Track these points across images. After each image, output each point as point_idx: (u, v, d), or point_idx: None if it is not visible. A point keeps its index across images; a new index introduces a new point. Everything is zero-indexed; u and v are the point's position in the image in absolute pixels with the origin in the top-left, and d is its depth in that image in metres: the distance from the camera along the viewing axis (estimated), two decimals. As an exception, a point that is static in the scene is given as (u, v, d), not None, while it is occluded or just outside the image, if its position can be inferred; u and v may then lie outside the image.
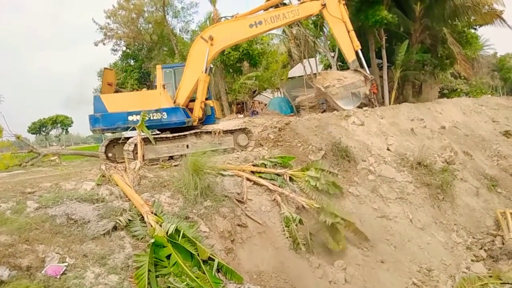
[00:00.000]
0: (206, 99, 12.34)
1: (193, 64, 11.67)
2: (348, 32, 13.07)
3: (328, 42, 24.03)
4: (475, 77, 31.86)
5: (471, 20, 22.55)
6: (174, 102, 11.60)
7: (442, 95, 30.01)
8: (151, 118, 10.93)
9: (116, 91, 12.29)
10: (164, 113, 11.14)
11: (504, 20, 21.65)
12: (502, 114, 21.11)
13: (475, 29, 24.82)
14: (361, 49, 14.17)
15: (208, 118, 12.46)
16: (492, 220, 12.79)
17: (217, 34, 11.72)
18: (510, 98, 27.64)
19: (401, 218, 11.19)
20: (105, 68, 12.24)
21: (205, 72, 11.88)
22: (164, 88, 11.35)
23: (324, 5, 12.19)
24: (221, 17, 13.60)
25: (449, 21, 21.91)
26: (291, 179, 10.15)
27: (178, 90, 11.74)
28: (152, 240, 5.98)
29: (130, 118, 10.84)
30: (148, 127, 10.88)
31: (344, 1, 12.89)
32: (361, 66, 13.89)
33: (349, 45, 13.22)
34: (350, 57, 13.40)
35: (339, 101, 12.92)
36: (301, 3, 12.31)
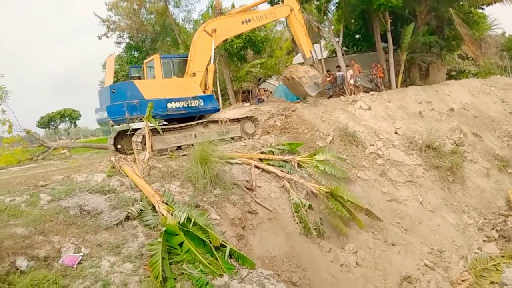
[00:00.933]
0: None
1: (199, 56, 11.86)
2: (305, 35, 15.14)
3: (332, 27, 23.70)
4: (483, 58, 31.25)
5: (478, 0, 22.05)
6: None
7: (449, 77, 29.57)
8: (189, 105, 11.23)
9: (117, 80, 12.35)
10: (201, 100, 11.51)
11: (511, -3, 21.15)
12: (511, 94, 20.81)
13: (482, 8, 24.25)
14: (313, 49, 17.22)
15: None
16: (503, 201, 12.73)
17: (220, 27, 12.27)
18: (519, 78, 27.19)
19: (411, 201, 11.18)
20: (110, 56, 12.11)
21: (213, 63, 12.30)
22: (194, 75, 11.59)
23: (292, 10, 14.18)
24: (219, 12, 15.50)
25: (456, 1, 21.45)
26: (299, 165, 10.16)
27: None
28: (164, 229, 6.05)
29: (169, 105, 10.89)
30: (186, 114, 11.37)
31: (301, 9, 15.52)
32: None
33: (307, 44, 15.16)
34: (307, 54, 15.42)
35: (308, 89, 14.74)
36: (275, 7, 14.59)
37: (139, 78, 11.88)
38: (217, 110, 12.33)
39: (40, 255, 5.22)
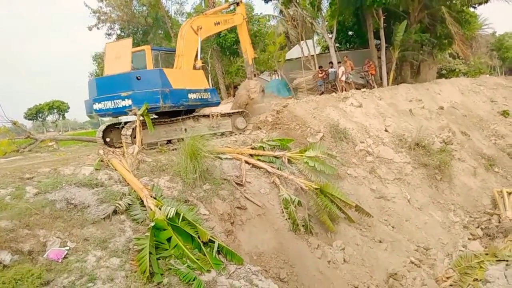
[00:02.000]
0: None
1: (188, 52, 11.77)
2: (249, 44, 15.32)
3: (326, 23, 23.70)
4: (473, 57, 31.61)
5: (470, -2, 22.21)
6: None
7: (440, 75, 29.84)
8: (202, 97, 11.36)
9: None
10: (209, 93, 11.70)
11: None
12: (500, 93, 21.12)
13: (474, 7, 24.46)
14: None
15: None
16: (489, 199, 12.94)
17: (204, 24, 12.44)
18: (508, 78, 27.58)
19: (399, 199, 11.30)
20: (107, 43, 11.62)
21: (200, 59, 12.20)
22: (200, 69, 11.75)
23: (244, 19, 14.49)
24: (203, 10, 15.70)
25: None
26: (289, 161, 10.17)
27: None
28: (152, 224, 6.01)
29: (190, 96, 10.89)
30: (198, 106, 11.64)
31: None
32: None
33: (251, 52, 15.15)
34: (250, 61, 15.22)
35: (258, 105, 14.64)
36: (234, 14, 14.66)
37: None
38: (219, 103, 12.65)
39: (25, 249, 5.14)
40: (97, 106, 10.41)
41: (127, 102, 9.81)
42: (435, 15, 21.78)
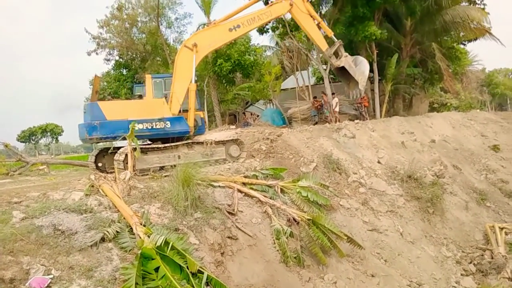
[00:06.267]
0: (197, 110, 12.30)
1: (181, 74, 11.55)
2: (318, 23, 13.91)
3: (320, 55, 24.28)
4: (464, 92, 32.41)
5: (460, 36, 23.05)
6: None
7: (432, 109, 30.44)
8: (154, 127, 10.89)
9: (100, 100, 12.02)
10: (168, 122, 11.13)
11: (493, 35, 22.14)
12: (490, 128, 21.45)
13: (464, 44, 25.35)
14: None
15: (198, 128, 12.37)
16: (481, 234, 12.88)
17: (200, 41, 11.73)
18: (498, 113, 28.12)
19: (392, 232, 11.20)
20: (96, 76, 12.03)
21: (194, 81, 11.74)
22: (166, 97, 11.38)
23: (291, 5, 12.99)
24: (200, 25, 13.82)
25: (439, 36, 22.37)
26: (282, 190, 10.12)
27: (170, 101, 11.65)
28: (140, 252, 5.88)
29: (136, 126, 10.70)
30: (152, 136, 11.10)
31: None
32: (336, 53, 14.51)
33: (320, 36, 13.93)
34: (323, 46, 13.96)
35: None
36: (271, 5, 13.16)
37: (140, 96, 11.93)
38: (187, 132, 11.54)
39: (6, 276, 4.97)
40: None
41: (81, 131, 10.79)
42: (426, 50, 22.51)
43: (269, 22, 14.41)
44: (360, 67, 14.32)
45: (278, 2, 13.08)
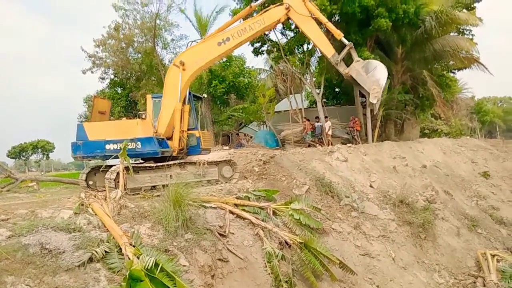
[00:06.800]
0: (192, 129, 12.27)
1: (170, 93, 11.47)
2: (325, 24, 11.81)
3: (314, 79, 24.71)
4: (454, 119, 33.01)
5: (450, 64, 23.68)
6: (156, 132, 11.42)
7: (423, 134, 30.87)
8: (128, 147, 10.66)
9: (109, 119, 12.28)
10: (138, 142, 10.90)
11: (482, 64, 22.77)
12: (480, 155, 21.72)
13: (453, 72, 26.01)
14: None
15: (192, 148, 12.27)
16: (473, 261, 12.83)
17: (188, 59, 11.45)
18: (487, 140, 28.58)
19: (384, 257, 11.12)
20: (95, 97, 12.14)
21: (181, 101, 11.46)
22: (143, 117, 11.31)
23: (288, 8, 11.46)
24: (190, 41, 12.24)
25: (430, 64, 22.97)
26: (274, 213, 10.05)
27: (158, 120, 11.61)
28: (128, 273, 5.74)
29: (107, 146, 10.78)
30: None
31: None
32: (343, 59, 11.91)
33: (324, 39, 11.86)
34: (328, 52, 11.79)
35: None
36: (265, 11, 11.74)
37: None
38: (156, 153, 10.97)
39: (-11, 297, 4.82)
40: None
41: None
42: (417, 77, 23.04)
43: (263, 32, 12.61)
44: (373, 74, 11.36)
45: (272, 7, 11.76)
